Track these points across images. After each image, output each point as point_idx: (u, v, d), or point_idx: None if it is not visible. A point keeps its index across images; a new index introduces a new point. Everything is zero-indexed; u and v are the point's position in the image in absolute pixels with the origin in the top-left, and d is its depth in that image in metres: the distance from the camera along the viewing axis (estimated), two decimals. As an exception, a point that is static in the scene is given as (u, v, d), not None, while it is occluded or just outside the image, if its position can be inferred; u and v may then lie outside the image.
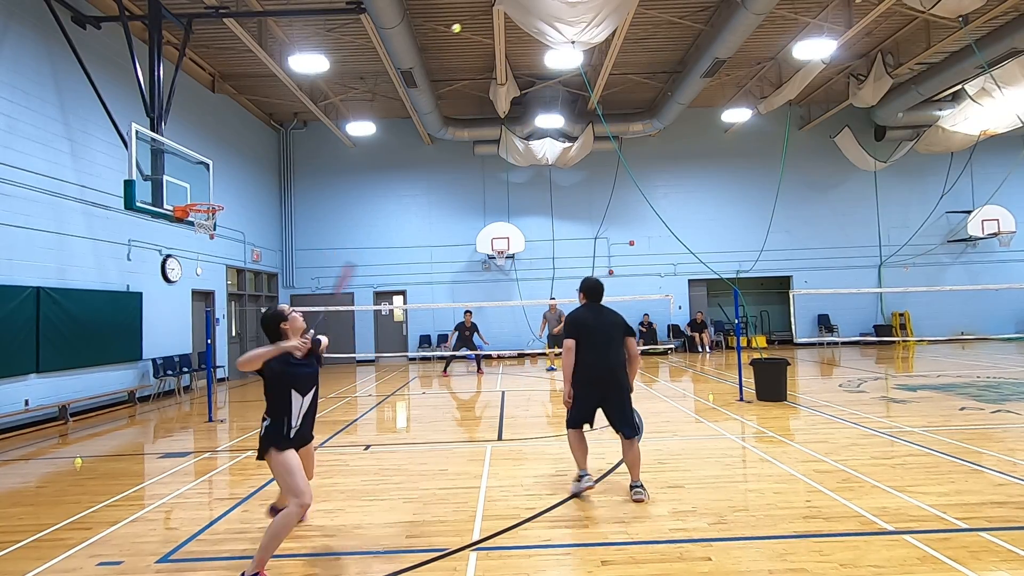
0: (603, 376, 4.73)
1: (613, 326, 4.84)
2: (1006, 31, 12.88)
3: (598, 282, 5.07)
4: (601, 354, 4.73)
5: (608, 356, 4.74)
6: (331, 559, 3.75)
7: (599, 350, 4.74)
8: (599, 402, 4.76)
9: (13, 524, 4.64)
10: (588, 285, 5.05)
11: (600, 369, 4.72)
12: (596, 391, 4.74)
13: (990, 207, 17.92)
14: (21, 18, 9.26)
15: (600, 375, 4.73)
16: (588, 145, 17.31)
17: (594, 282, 5.06)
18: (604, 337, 4.78)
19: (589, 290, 5.03)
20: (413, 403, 10.39)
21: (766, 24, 12.71)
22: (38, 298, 9.05)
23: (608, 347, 4.76)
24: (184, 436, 8.13)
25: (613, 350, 4.77)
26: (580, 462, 4.89)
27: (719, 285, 18.95)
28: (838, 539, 3.75)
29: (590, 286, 5.04)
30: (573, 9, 9.86)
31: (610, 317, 4.89)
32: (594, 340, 4.76)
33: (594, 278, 5.11)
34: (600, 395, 4.74)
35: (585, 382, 4.76)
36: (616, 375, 4.74)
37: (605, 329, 4.81)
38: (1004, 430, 6.54)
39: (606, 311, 4.95)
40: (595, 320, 4.85)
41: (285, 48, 13.06)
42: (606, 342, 4.77)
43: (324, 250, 19.04)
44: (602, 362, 4.72)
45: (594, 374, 4.73)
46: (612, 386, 4.73)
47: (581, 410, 4.80)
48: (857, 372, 12.11)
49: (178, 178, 9.62)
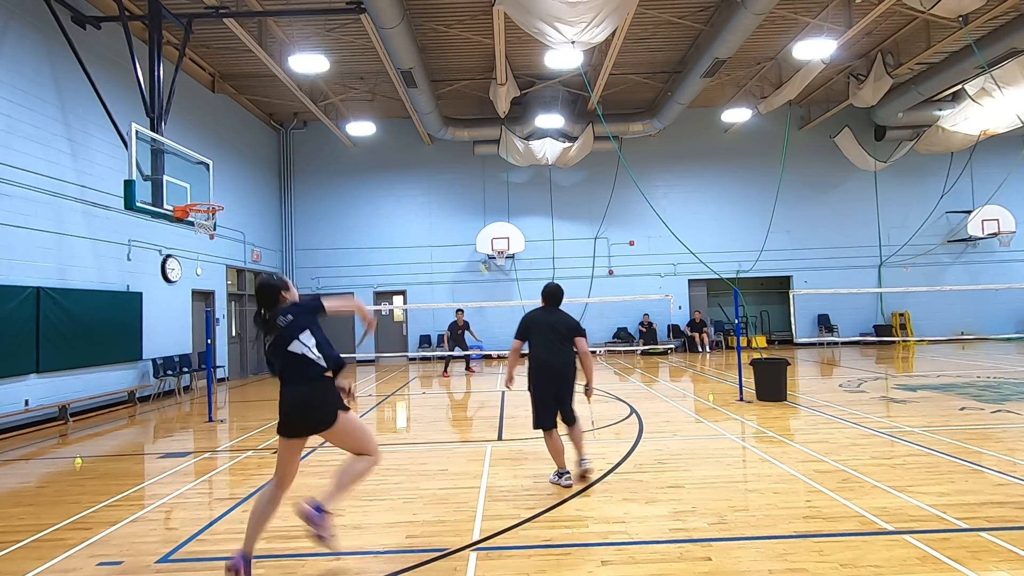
0: (556, 373, 5.17)
1: (563, 326, 5.25)
2: (1006, 31, 12.89)
3: (557, 288, 5.48)
4: (553, 353, 5.18)
5: (559, 354, 5.19)
6: (331, 559, 3.75)
7: (551, 349, 5.18)
8: (556, 397, 5.17)
9: (13, 524, 4.64)
10: (546, 291, 5.48)
11: (553, 367, 5.17)
12: (551, 387, 5.17)
13: (990, 207, 17.91)
14: (21, 18, 9.26)
15: (553, 372, 5.17)
16: (588, 145, 17.31)
17: (552, 288, 5.48)
18: (554, 336, 5.21)
19: (546, 295, 5.47)
20: (413, 403, 10.39)
21: (766, 24, 12.71)
22: (38, 298, 9.05)
23: (559, 346, 5.20)
24: (184, 436, 8.13)
25: (563, 349, 5.21)
26: (559, 462, 5.14)
27: (719, 285, 18.95)
28: (838, 539, 3.75)
29: (547, 292, 5.47)
30: (573, 9, 9.85)
31: (562, 319, 5.31)
32: (545, 340, 5.22)
33: (554, 284, 5.53)
34: (555, 390, 5.16)
35: (542, 380, 5.20)
36: (566, 372, 5.20)
37: (555, 329, 5.23)
38: (1004, 430, 6.54)
39: (560, 314, 5.37)
40: (546, 321, 5.30)
41: (285, 48, 13.06)
42: (556, 341, 5.20)
43: (324, 250, 19.05)
44: (554, 360, 5.17)
45: (548, 371, 5.17)
46: (563, 382, 5.19)
47: (545, 409, 5.16)
48: (857, 372, 12.11)
49: (178, 178, 9.62)
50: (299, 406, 3.41)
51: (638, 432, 7.05)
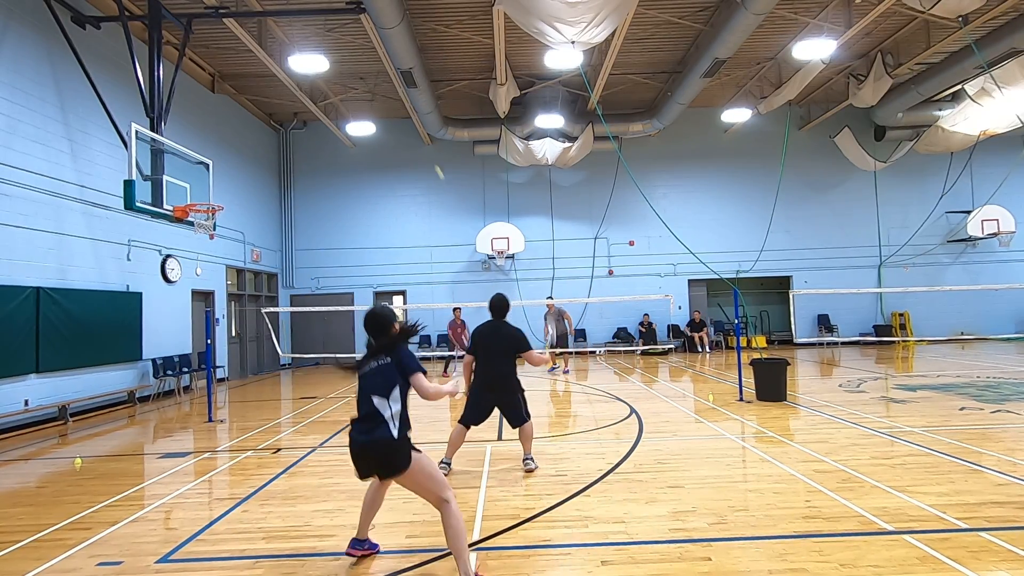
0: (496, 383, 5.51)
1: (507, 339, 5.52)
2: (1006, 31, 12.89)
3: (501, 299, 5.70)
4: (494, 364, 5.49)
5: (500, 366, 5.50)
6: (331, 559, 3.75)
7: (492, 361, 5.49)
8: (494, 404, 5.56)
9: (13, 524, 4.64)
10: (491, 303, 5.71)
11: (493, 377, 5.50)
12: (491, 395, 5.52)
13: (990, 207, 17.92)
14: (21, 18, 9.26)
15: (492, 383, 5.50)
16: (588, 145, 17.30)
17: (496, 300, 5.70)
18: (497, 350, 5.51)
19: (491, 308, 5.69)
20: (413, 403, 10.38)
21: (766, 24, 12.71)
22: (38, 298, 9.05)
23: (499, 360, 5.50)
24: (184, 436, 8.13)
25: (504, 363, 5.51)
26: (449, 452, 5.56)
27: (719, 285, 18.95)
28: (838, 539, 3.75)
29: (492, 304, 5.70)
30: (573, 9, 9.86)
31: (504, 333, 5.55)
32: (488, 352, 5.52)
33: (499, 295, 5.75)
34: (495, 398, 5.53)
35: (482, 387, 5.51)
36: (508, 381, 5.54)
37: (499, 343, 5.52)
38: (1004, 430, 6.54)
39: (505, 327, 5.60)
40: (491, 335, 5.55)
41: (285, 48, 13.06)
42: (499, 354, 5.50)
43: (324, 250, 19.05)
44: (494, 371, 5.49)
45: (488, 381, 5.51)
46: (505, 390, 5.52)
47: (474, 412, 5.54)
48: (857, 372, 12.11)
49: (178, 178, 9.62)
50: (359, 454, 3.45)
51: (638, 432, 7.05)
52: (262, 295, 17.56)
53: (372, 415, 3.43)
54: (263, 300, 17.41)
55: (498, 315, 5.69)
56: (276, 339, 13.68)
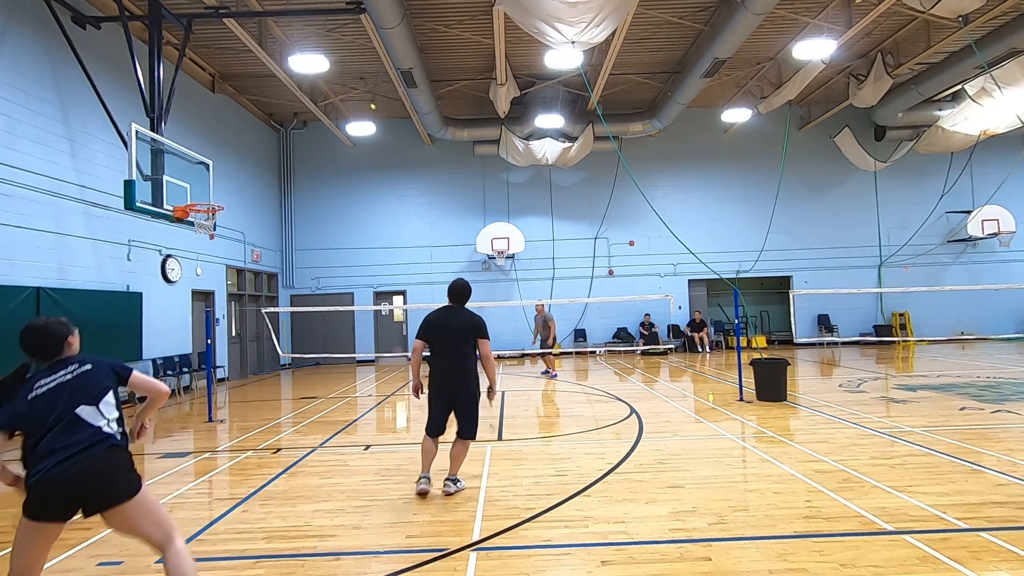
0: (450, 377, 4.87)
1: (462, 328, 4.90)
2: (1006, 31, 12.89)
3: (461, 285, 5.09)
4: (447, 356, 4.87)
5: (454, 358, 4.87)
6: (331, 559, 3.75)
7: (446, 352, 4.88)
8: (449, 403, 4.90)
9: (13, 524, 4.63)
10: (450, 287, 5.12)
11: (446, 370, 4.88)
12: (445, 392, 4.89)
13: (990, 207, 17.92)
14: (21, 18, 9.26)
15: (447, 375, 4.88)
16: (588, 145, 17.31)
17: (455, 285, 5.09)
18: (450, 339, 4.88)
19: (450, 291, 5.10)
20: (413, 403, 10.39)
21: (766, 24, 12.70)
22: (38, 298, 9.05)
23: (455, 349, 4.87)
24: (184, 436, 8.13)
25: (461, 352, 4.87)
26: (425, 465, 4.97)
27: (719, 285, 18.95)
28: (838, 539, 3.75)
29: (451, 288, 5.10)
30: (573, 9, 9.85)
31: (463, 319, 4.95)
32: (441, 342, 4.90)
33: (460, 280, 5.13)
34: (450, 396, 4.89)
35: (435, 381, 4.94)
36: (464, 376, 4.88)
37: (452, 332, 4.89)
38: (1004, 430, 6.54)
39: (462, 313, 5.01)
40: (444, 322, 4.95)
41: (285, 48, 13.06)
42: (452, 344, 4.87)
43: (324, 250, 19.05)
44: (448, 363, 4.87)
45: (442, 374, 4.90)
46: (460, 388, 4.89)
47: (436, 415, 4.92)
48: (857, 372, 12.11)
49: (178, 178, 9.62)
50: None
51: (638, 432, 7.05)
52: (262, 295, 17.57)
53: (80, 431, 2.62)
54: (263, 300, 17.42)
55: (457, 300, 5.07)
56: (276, 339, 13.67)
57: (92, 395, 2.69)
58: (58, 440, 2.53)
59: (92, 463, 2.54)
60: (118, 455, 2.66)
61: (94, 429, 2.61)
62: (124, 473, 2.66)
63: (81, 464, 2.51)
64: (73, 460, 2.50)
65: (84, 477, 2.51)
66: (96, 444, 2.58)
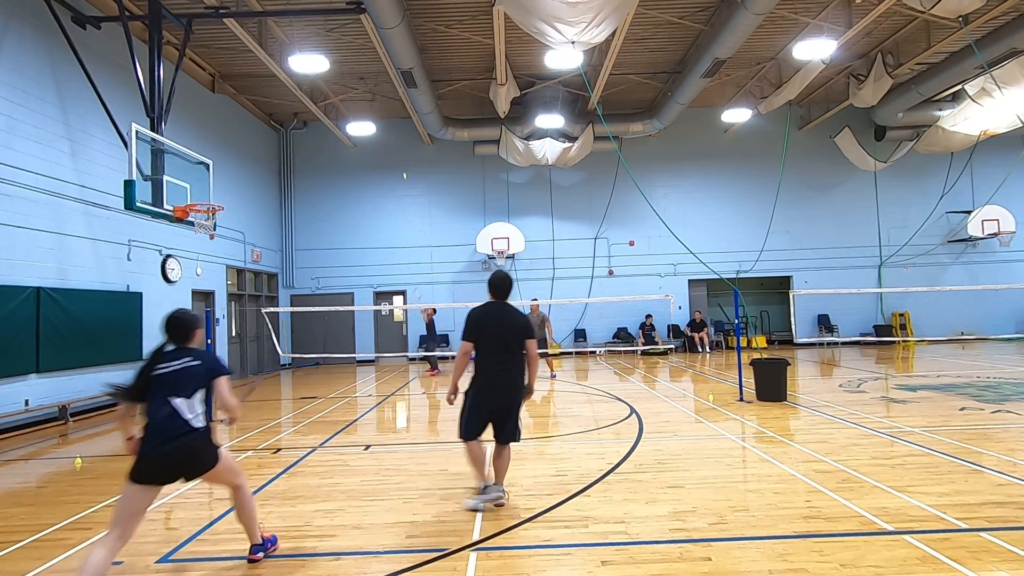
0: (502, 380, 4.52)
1: (514, 328, 4.56)
2: (1006, 31, 12.89)
3: (504, 278, 4.73)
4: (498, 357, 4.50)
5: (505, 359, 4.51)
6: (331, 559, 3.75)
7: (496, 353, 4.50)
8: (495, 408, 4.54)
9: (13, 524, 4.64)
10: (492, 280, 4.73)
11: (498, 372, 4.51)
12: (495, 396, 4.53)
13: (990, 207, 17.91)
14: (21, 18, 9.26)
15: (499, 378, 4.52)
16: (588, 145, 17.31)
17: (499, 278, 4.72)
18: (501, 340, 4.52)
19: (495, 287, 4.71)
20: (413, 403, 10.39)
21: (766, 24, 12.71)
22: (38, 298, 9.05)
23: (506, 350, 4.52)
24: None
25: (511, 353, 4.53)
26: (481, 473, 4.63)
27: (719, 285, 18.95)
28: (838, 539, 3.75)
29: (493, 282, 4.72)
30: (573, 9, 9.85)
31: (513, 318, 4.61)
32: (491, 342, 4.52)
33: (501, 273, 4.79)
34: (498, 400, 4.54)
35: (482, 385, 4.55)
36: (517, 379, 4.57)
37: (504, 331, 4.53)
38: (1004, 430, 6.54)
39: (510, 311, 4.65)
40: (494, 321, 4.57)
41: (285, 48, 13.06)
42: (503, 345, 4.51)
43: (324, 250, 19.05)
44: (499, 365, 4.50)
45: (491, 377, 4.52)
46: (510, 391, 4.55)
47: (477, 419, 4.55)
48: (857, 372, 12.11)
49: (178, 178, 9.62)
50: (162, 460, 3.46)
51: (638, 432, 7.04)
52: (262, 295, 17.57)
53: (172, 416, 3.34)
54: (263, 300, 17.41)
55: (501, 296, 4.69)
56: (276, 339, 13.68)
57: (188, 389, 3.39)
58: (160, 423, 3.30)
59: (183, 449, 3.31)
60: (201, 441, 3.41)
61: (183, 421, 3.33)
62: (207, 452, 3.46)
63: (176, 449, 3.29)
64: (170, 445, 3.27)
65: (179, 458, 3.32)
66: (185, 435, 3.32)
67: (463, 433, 4.59)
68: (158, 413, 3.30)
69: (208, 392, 3.49)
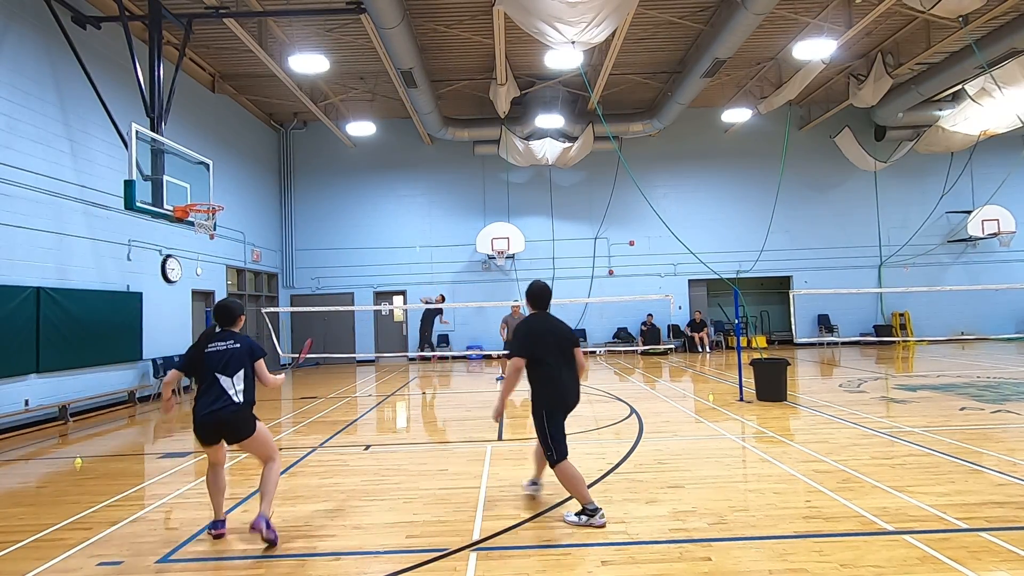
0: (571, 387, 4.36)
1: (564, 336, 4.41)
2: (1006, 31, 12.88)
3: (546, 288, 4.57)
4: (562, 367, 4.33)
5: (567, 368, 4.37)
6: (331, 559, 3.75)
7: (558, 363, 4.32)
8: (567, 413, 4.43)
9: (13, 524, 4.64)
10: (536, 291, 4.53)
11: (567, 380, 4.34)
12: (569, 405, 4.38)
13: (990, 207, 17.92)
14: (21, 18, 9.26)
15: (569, 386, 4.35)
16: (588, 145, 17.30)
17: (540, 288, 4.55)
18: (559, 349, 4.36)
19: (536, 297, 4.51)
20: (413, 403, 10.39)
21: (766, 24, 12.71)
22: (38, 298, 9.05)
23: (564, 359, 4.36)
24: (184, 436, 8.12)
25: (569, 361, 4.39)
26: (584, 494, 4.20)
27: (719, 285, 18.95)
28: (838, 539, 3.75)
29: (535, 292, 4.53)
30: (573, 9, 9.85)
31: (560, 326, 4.47)
32: (552, 352, 4.31)
33: (541, 283, 4.61)
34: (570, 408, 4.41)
35: (555, 396, 4.31)
36: (577, 385, 4.45)
37: (557, 339, 4.38)
38: (1004, 430, 6.54)
39: (554, 320, 4.52)
40: (549, 332, 4.40)
41: (285, 48, 13.06)
42: (561, 353, 4.35)
43: (324, 250, 19.05)
44: (564, 374, 4.33)
45: (563, 386, 4.32)
46: (576, 396, 4.41)
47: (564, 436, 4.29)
48: (857, 372, 12.11)
49: (178, 178, 9.62)
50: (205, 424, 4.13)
51: (638, 432, 7.05)
52: (262, 295, 17.56)
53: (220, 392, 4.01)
54: (263, 300, 17.41)
55: (543, 306, 4.53)
56: (276, 339, 13.67)
57: (231, 369, 4.04)
58: (207, 395, 3.98)
59: (224, 418, 3.96)
60: (242, 414, 4.02)
61: (227, 396, 3.98)
62: (245, 423, 4.04)
63: (217, 417, 3.95)
64: (213, 415, 3.94)
65: (220, 425, 3.98)
66: (226, 408, 3.95)
67: (559, 456, 4.22)
68: (206, 386, 3.98)
69: (249, 372, 4.12)
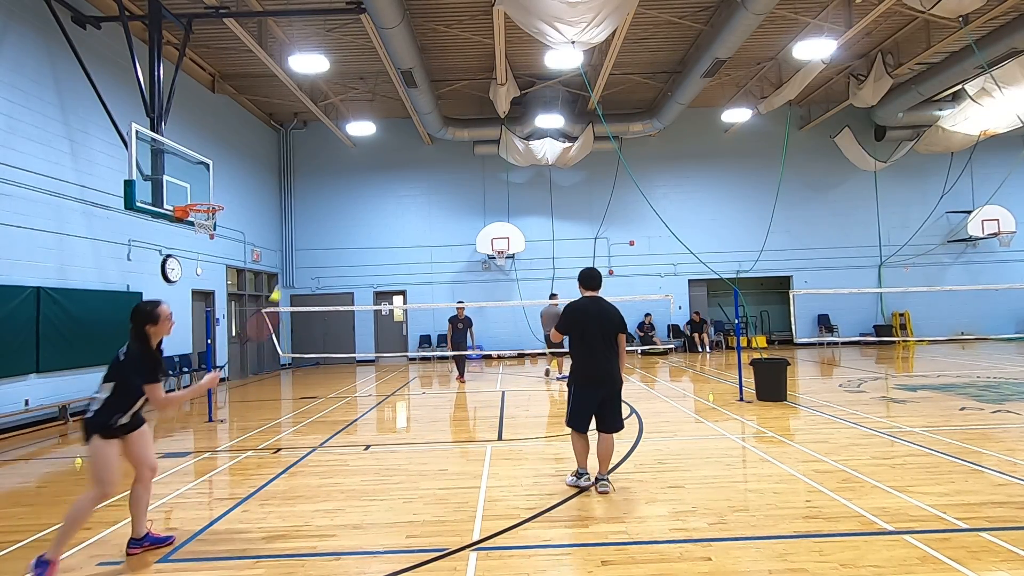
0: (607, 371, 4.76)
1: (613, 321, 4.83)
2: (1006, 31, 12.89)
3: (596, 272, 5.06)
4: (600, 351, 4.75)
5: (607, 352, 4.77)
6: (331, 559, 3.75)
7: (597, 346, 4.75)
8: (599, 402, 4.81)
9: (13, 524, 4.64)
10: (586, 275, 5.03)
11: (603, 363, 4.75)
12: (598, 391, 4.78)
13: (990, 207, 17.91)
14: (21, 18, 9.26)
15: (605, 370, 4.76)
16: (588, 145, 17.30)
17: (591, 272, 5.04)
18: (603, 333, 4.78)
19: (587, 280, 5.00)
20: (413, 403, 10.39)
21: (766, 24, 12.71)
22: (38, 298, 9.05)
23: (606, 343, 4.78)
24: (184, 436, 8.12)
25: (611, 345, 4.79)
26: (582, 461, 4.95)
27: (719, 285, 18.95)
28: (838, 539, 3.75)
29: (590, 277, 5.01)
30: (573, 9, 9.85)
31: (609, 311, 4.88)
32: (593, 334, 4.76)
33: (592, 268, 5.12)
34: (600, 395, 4.79)
35: (586, 381, 4.79)
36: (614, 373, 4.80)
37: (602, 323, 4.79)
38: (1004, 430, 6.54)
39: (605, 304, 4.92)
40: (596, 314, 4.83)
41: (285, 48, 13.06)
42: (604, 338, 4.78)
43: (324, 250, 19.05)
44: (602, 357, 4.75)
45: (595, 373, 4.76)
46: (610, 384, 4.79)
47: (584, 412, 4.83)
48: (857, 372, 12.11)
49: (178, 178, 9.61)
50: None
51: (638, 432, 7.04)
52: (262, 295, 17.56)
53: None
54: (263, 300, 17.40)
55: (594, 288, 4.98)
56: (276, 339, 13.67)
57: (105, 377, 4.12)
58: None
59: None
60: (87, 424, 3.93)
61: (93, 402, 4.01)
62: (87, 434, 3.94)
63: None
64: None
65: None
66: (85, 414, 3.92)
67: (573, 424, 4.85)
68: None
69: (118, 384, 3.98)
